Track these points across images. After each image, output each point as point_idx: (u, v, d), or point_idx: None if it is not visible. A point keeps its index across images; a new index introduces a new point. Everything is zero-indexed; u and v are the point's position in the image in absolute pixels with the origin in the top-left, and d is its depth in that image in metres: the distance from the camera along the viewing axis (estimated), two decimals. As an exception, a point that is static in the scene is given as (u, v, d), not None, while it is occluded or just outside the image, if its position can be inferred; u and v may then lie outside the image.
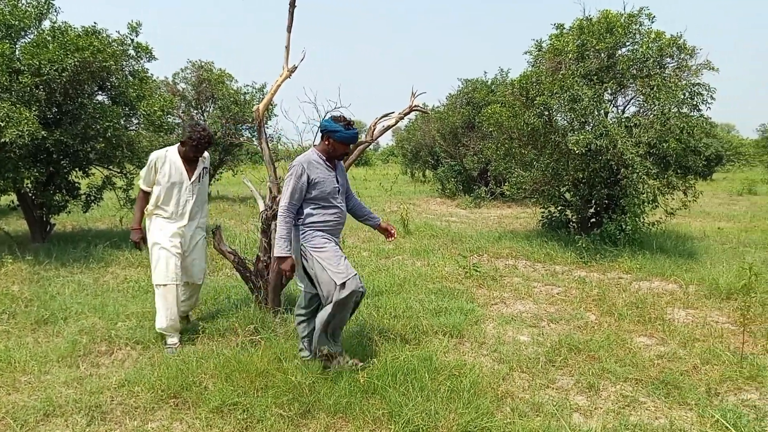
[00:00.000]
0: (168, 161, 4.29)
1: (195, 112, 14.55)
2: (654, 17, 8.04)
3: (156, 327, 4.26)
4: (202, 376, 3.60)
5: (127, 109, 8.22)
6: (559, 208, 9.43)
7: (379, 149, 72.36)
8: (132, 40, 8.30)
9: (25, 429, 3.06)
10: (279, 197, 4.56)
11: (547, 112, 8.14)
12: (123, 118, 8.11)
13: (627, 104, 8.48)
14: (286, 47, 4.46)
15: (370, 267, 7.03)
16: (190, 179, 4.35)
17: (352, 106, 4.48)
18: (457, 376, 3.65)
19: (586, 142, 7.23)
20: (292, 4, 4.55)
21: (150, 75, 8.96)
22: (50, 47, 6.91)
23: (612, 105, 8.31)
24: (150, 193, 4.34)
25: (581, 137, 7.25)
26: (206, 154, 4.51)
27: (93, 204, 8.56)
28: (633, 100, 8.39)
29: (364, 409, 3.20)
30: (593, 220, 8.95)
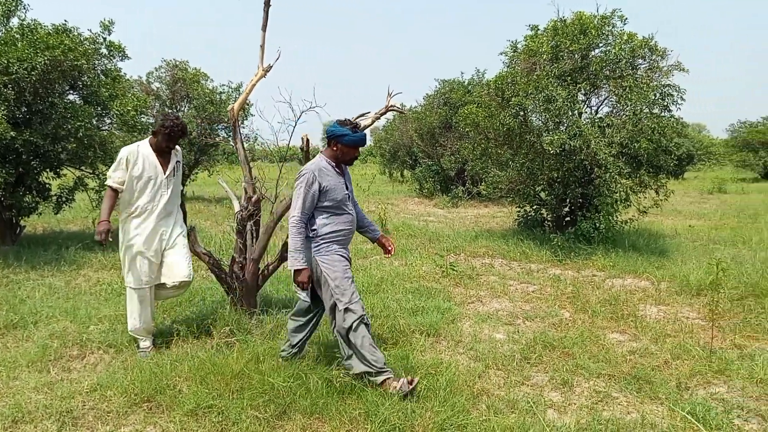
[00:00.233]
0: (140, 156, 4.08)
1: (170, 111, 14.36)
2: (626, 19, 8.19)
3: (129, 329, 4.19)
4: (176, 379, 3.56)
5: (99, 109, 8.09)
6: (535, 207, 9.54)
7: (358, 149, 72.08)
8: (104, 38, 8.17)
9: (-7, 436, 3.00)
10: (254, 197, 4.54)
11: (522, 113, 8.23)
12: (95, 117, 7.98)
13: (600, 105, 8.62)
14: (261, 46, 4.44)
15: (348, 267, 7.01)
16: (164, 173, 4.16)
17: (328, 106, 4.46)
18: (433, 374, 3.67)
19: (561, 142, 7.34)
20: (267, 3, 4.53)
21: (123, 74, 8.84)
22: (19, 45, 6.77)
23: (586, 105, 8.44)
24: (118, 191, 4.07)
25: (556, 137, 7.35)
26: (178, 147, 4.35)
27: (64, 205, 8.41)
28: (606, 100, 8.53)
29: (341, 409, 3.19)
30: (568, 218, 9.08)
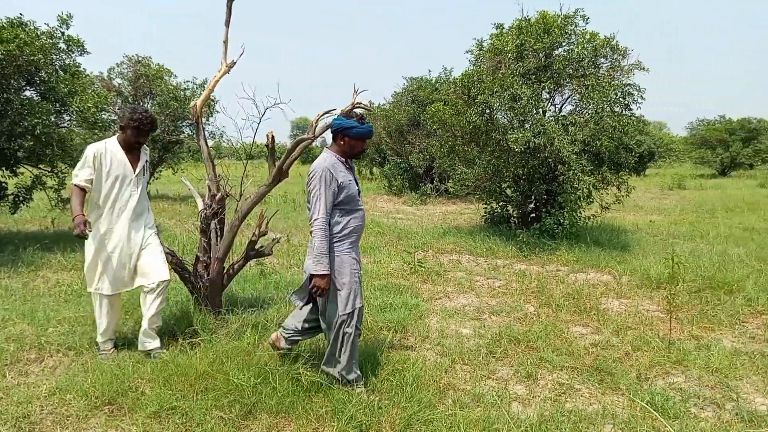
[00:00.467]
0: (108, 153, 3.88)
1: (137, 105, 14.04)
2: (588, 18, 8.36)
3: (99, 338, 4.07)
4: (138, 381, 3.49)
5: (57, 106, 7.85)
6: (501, 203, 9.67)
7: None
8: (62, 33, 7.94)
9: (-55, 444, 2.89)
10: (218, 195, 4.47)
11: (488, 111, 8.32)
12: (53, 114, 7.75)
13: (564, 103, 8.79)
14: (224, 42, 4.37)
15: (316, 265, 6.98)
16: (134, 171, 3.98)
17: (292, 102, 4.43)
18: (400, 370, 3.68)
19: (525, 139, 7.45)
20: (230, -1, 4.47)
21: (83, 70, 8.60)
22: (-30, 39, 6.53)
23: (550, 104, 8.59)
24: (85, 189, 3.85)
25: (520, 135, 7.46)
26: (146, 146, 4.18)
27: (22, 205, 8.16)
28: (569, 99, 8.70)
29: (307, 407, 3.18)
30: (533, 215, 9.23)
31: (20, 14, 7.44)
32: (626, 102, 7.96)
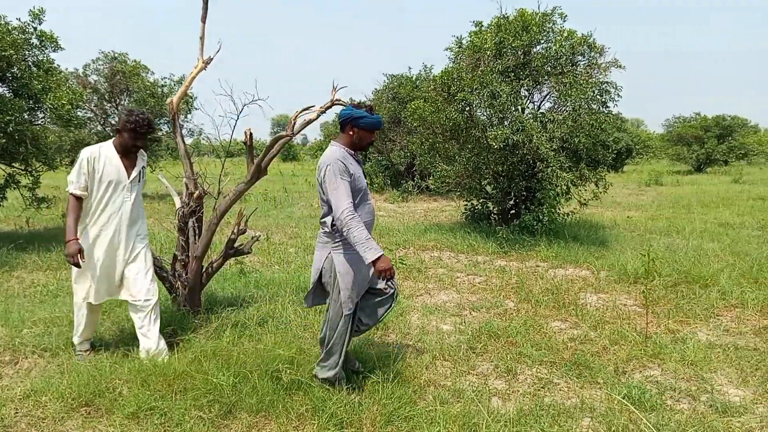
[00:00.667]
0: (103, 158, 3.75)
1: (108, 105, 13.82)
2: (566, 16, 8.43)
3: (76, 340, 3.99)
4: (116, 382, 3.44)
5: (31, 103, 7.71)
6: (481, 200, 9.73)
7: (308, 144, 71.83)
8: (35, 28, 7.78)
9: None
10: (195, 193, 4.43)
11: (467, 108, 8.36)
12: (26, 111, 7.60)
13: (542, 100, 8.86)
14: (201, 38, 4.32)
15: (297, 263, 6.96)
16: (128, 178, 3.83)
17: (270, 99, 4.40)
18: (381, 367, 3.69)
19: (505, 136, 7.49)
20: (206, -5, 4.42)
21: (57, 66, 8.44)
22: (-61, 34, 6.36)
23: (528, 101, 8.65)
24: (82, 198, 3.74)
25: (500, 132, 7.50)
26: (143, 151, 4.04)
27: (-5, 204, 7.97)
28: (548, 96, 8.77)
29: (288, 406, 3.17)
30: (513, 211, 9.31)
31: (-9, 9, 7.27)
32: (603, 99, 8.06)
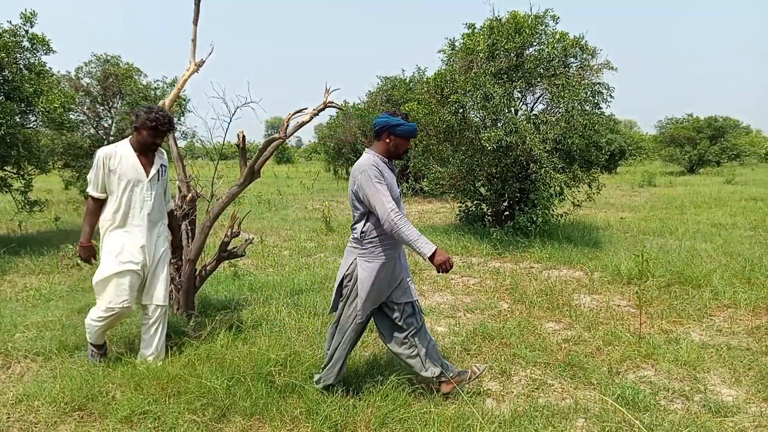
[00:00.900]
0: (119, 156, 3.65)
1: (101, 108, 13.75)
2: (558, 18, 8.47)
3: (90, 340, 3.82)
4: (109, 386, 3.42)
5: (22, 106, 7.66)
6: (475, 202, 9.74)
7: (303, 146, 71.78)
8: (26, 31, 7.74)
9: None
10: (189, 195, 4.41)
11: (461, 110, 8.37)
12: (18, 115, 7.56)
13: (535, 102, 8.88)
14: (193, 40, 4.31)
15: (291, 265, 6.95)
16: (147, 177, 3.73)
17: (264, 102, 4.40)
18: (375, 370, 3.69)
19: (498, 138, 7.51)
20: (199, -3, 4.41)
21: (48, 69, 8.40)
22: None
23: (521, 103, 8.67)
24: (101, 200, 3.67)
25: (493, 134, 7.52)
26: (163, 150, 3.97)
27: (-14, 208, 7.92)
28: (541, 98, 8.80)
29: (282, 409, 3.16)
30: (506, 213, 9.33)
31: (-18, 12, 7.24)
32: (596, 101, 8.10)
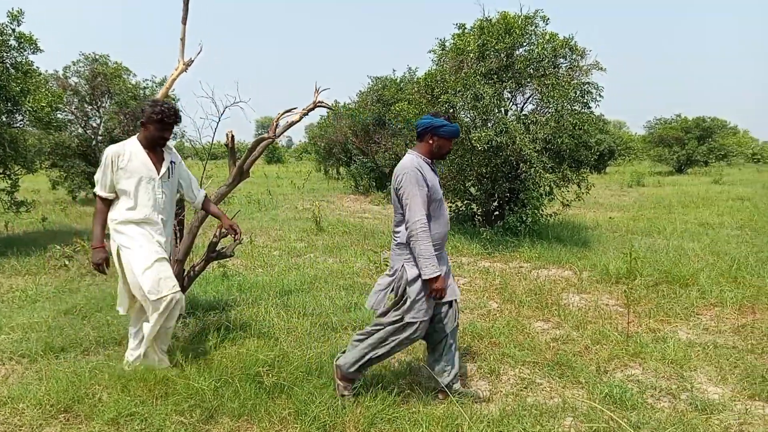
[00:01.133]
0: (128, 153, 3.53)
1: (89, 108, 13.64)
2: (548, 19, 8.50)
3: (152, 353, 3.59)
4: (95, 388, 3.39)
5: (9, 105, 7.59)
6: (465, 202, 9.76)
7: (293, 146, 71.64)
8: (13, 30, 7.66)
9: None
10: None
11: (451, 110, 8.38)
12: (4, 114, 7.49)
13: (525, 102, 8.91)
14: (182, 39, 4.29)
15: (280, 266, 6.93)
16: (158, 173, 3.62)
17: (255, 101, 4.38)
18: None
19: (488, 138, 7.53)
20: (187, -4, 4.38)
21: (36, 68, 8.32)
22: None
23: (511, 103, 8.69)
24: (110, 200, 3.56)
25: (483, 134, 7.54)
26: (172, 146, 3.82)
27: (-28, 208, 7.83)
28: (530, 98, 8.83)
29: (270, 410, 3.15)
30: (496, 213, 9.35)
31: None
32: (585, 100, 8.14)
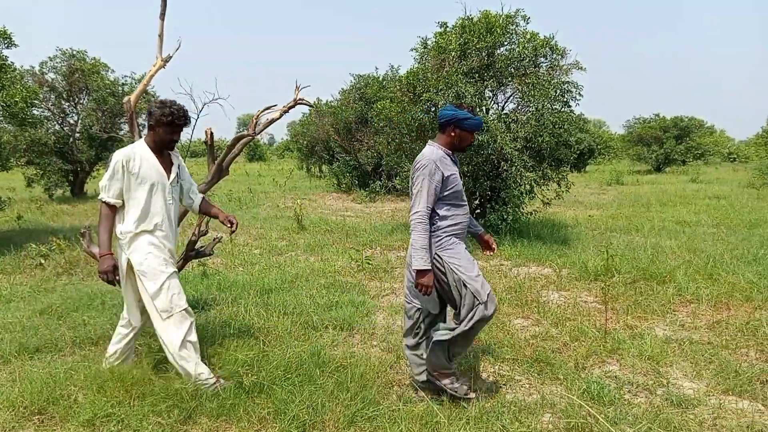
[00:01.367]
0: (138, 158, 3.35)
1: (66, 104, 13.42)
2: (529, 18, 8.56)
3: (196, 377, 3.33)
4: (71, 389, 3.33)
5: (-19, 101, 7.42)
6: (447, 200, 9.78)
7: (275, 144, 71.28)
8: (-14, 24, 7.50)
9: None
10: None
11: (433, 108, 8.40)
12: (-23, 110, 7.32)
13: (506, 101, 8.97)
14: (160, 36, 4.23)
15: (261, 264, 6.89)
16: (168, 179, 3.48)
17: (237, 98, 4.34)
18: (345, 368, 3.67)
19: (470, 137, 7.56)
20: (165, -8, 4.33)
21: (10, 63, 8.15)
22: None
23: (493, 102, 8.74)
24: (116, 207, 3.37)
25: (464, 132, 7.56)
26: (177, 151, 3.65)
27: (-57, 206, 7.65)
28: (511, 97, 8.89)
29: (249, 409, 3.13)
30: (478, 211, 9.40)
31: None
32: (565, 99, 8.22)
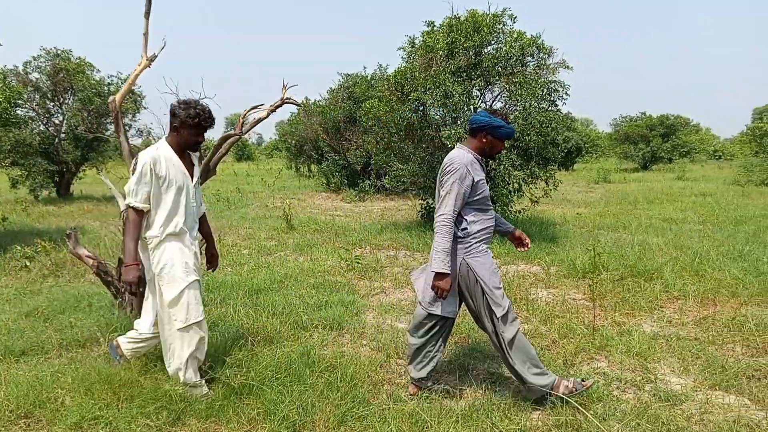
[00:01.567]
0: (164, 160, 3.25)
1: (51, 104, 13.26)
2: (515, 17, 8.59)
3: (183, 379, 3.31)
4: (58, 392, 3.30)
5: (-36, 101, 7.32)
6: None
7: (263, 143, 71.03)
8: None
9: None
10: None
11: (421, 107, 8.42)
12: (-41, 110, 7.21)
13: (494, 100, 9.00)
14: (144, 34, 4.19)
15: (250, 265, 6.86)
16: (192, 180, 3.41)
17: (217, 97, 4.32)
18: (335, 367, 3.67)
19: (458, 136, 7.59)
20: (151, -10, 4.29)
21: (-7, 63, 8.06)
22: None
23: (480, 101, 8.77)
24: (144, 212, 3.28)
25: (453, 131, 7.59)
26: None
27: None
28: (499, 96, 8.92)
29: (239, 410, 3.12)
30: (468, 209, 9.42)
31: None
32: (552, 98, 8.26)
